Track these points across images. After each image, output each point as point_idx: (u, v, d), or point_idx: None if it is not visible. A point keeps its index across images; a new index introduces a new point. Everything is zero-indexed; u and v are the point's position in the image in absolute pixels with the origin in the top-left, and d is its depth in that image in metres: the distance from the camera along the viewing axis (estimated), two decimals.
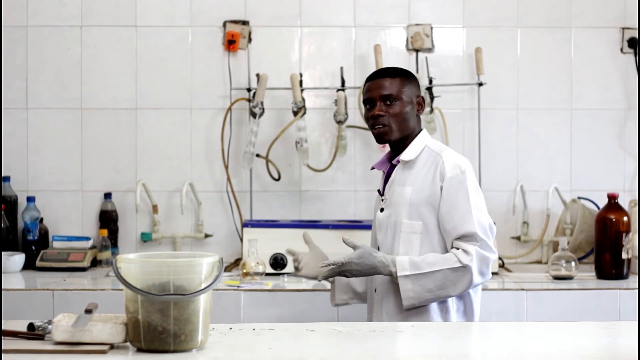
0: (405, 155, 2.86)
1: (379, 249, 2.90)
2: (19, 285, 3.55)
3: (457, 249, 2.74)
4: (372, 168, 3.02)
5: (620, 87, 4.17)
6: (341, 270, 2.79)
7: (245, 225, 3.84)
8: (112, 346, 2.11)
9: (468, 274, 2.71)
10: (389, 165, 2.94)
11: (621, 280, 3.63)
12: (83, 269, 3.84)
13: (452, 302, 2.81)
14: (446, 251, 2.79)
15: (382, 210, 2.91)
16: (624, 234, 3.66)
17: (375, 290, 2.90)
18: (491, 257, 2.75)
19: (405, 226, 2.81)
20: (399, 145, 2.89)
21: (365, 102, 2.91)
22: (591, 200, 4.10)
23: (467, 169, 2.79)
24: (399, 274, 2.74)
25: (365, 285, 2.98)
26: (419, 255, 2.78)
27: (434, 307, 2.80)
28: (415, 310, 2.79)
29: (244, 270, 3.59)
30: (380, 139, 2.88)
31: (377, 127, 2.86)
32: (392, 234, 2.85)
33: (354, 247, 2.79)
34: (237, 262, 3.96)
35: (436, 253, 2.78)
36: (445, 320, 2.80)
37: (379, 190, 2.96)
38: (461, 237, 2.74)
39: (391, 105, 2.85)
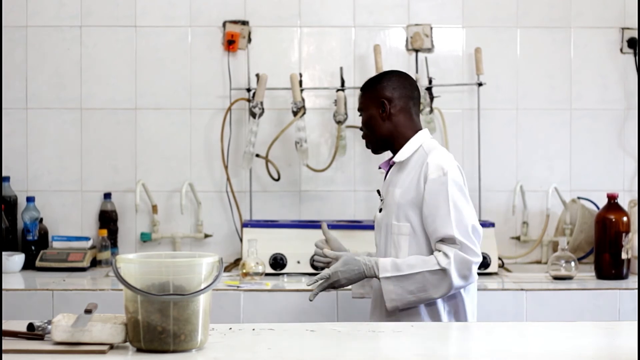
0: (397, 157, 2.87)
1: (377, 249, 2.92)
2: (19, 286, 3.55)
3: (438, 251, 2.74)
4: (380, 167, 3.01)
5: (619, 87, 4.17)
6: (330, 283, 2.79)
7: (244, 225, 3.84)
8: (111, 346, 2.11)
9: (447, 277, 2.71)
10: (389, 165, 2.95)
11: (621, 280, 3.64)
12: (83, 269, 3.84)
13: (441, 304, 2.81)
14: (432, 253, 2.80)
15: (380, 210, 2.92)
16: (623, 234, 3.66)
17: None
18: (473, 260, 2.72)
19: (394, 228, 2.82)
20: (394, 146, 2.90)
21: None
22: (591, 200, 4.10)
23: (450, 171, 2.77)
24: (380, 276, 2.75)
25: None
26: (408, 256, 2.79)
27: (423, 309, 2.81)
28: (405, 312, 2.80)
29: (244, 271, 3.59)
30: (372, 151, 2.97)
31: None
32: (385, 235, 2.87)
33: (337, 257, 2.80)
34: (236, 262, 3.96)
35: (419, 255, 2.78)
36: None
37: (378, 191, 2.96)
38: (441, 240, 2.74)
39: (361, 118, 2.95)
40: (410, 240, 2.80)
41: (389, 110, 2.87)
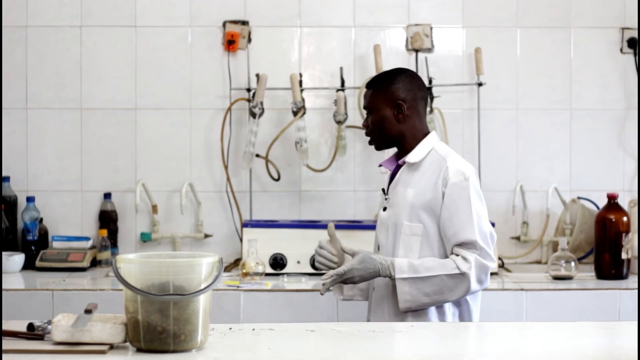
0: (411, 157, 2.84)
1: (379, 248, 2.90)
2: (19, 286, 3.55)
3: (457, 255, 2.73)
4: (380, 165, 3.00)
5: (619, 87, 4.17)
6: (344, 279, 2.78)
7: (244, 225, 3.84)
8: (111, 346, 2.11)
9: (465, 281, 2.71)
10: (395, 164, 2.93)
11: (621, 280, 3.64)
12: (83, 269, 3.84)
13: (449, 307, 2.82)
14: (446, 256, 2.78)
15: (384, 209, 2.90)
16: (623, 234, 3.66)
17: (374, 289, 2.90)
18: (490, 266, 2.74)
19: (405, 228, 2.81)
20: (403, 146, 2.88)
21: None
22: (591, 200, 4.10)
23: (471, 176, 2.77)
24: (396, 277, 2.74)
25: (368, 283, 2.97)
26: (418, 257, 2.78)
27: (432, 310, 2.81)
28: (413, 313, 2.80)
29: (244, 271, 3.59)
30: (376, 148, 2.94)
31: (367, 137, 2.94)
32: (393, 234, 2.85)
33: (353, 254, 2.79)
34: (236, 262, 3.95)
35: (435, 257, 2.78)
36: None
37: (383, 190, 2.95)
38: (461, 244, 2.73)
39: (370, 117, 2.90)
40: (422, 241, 2.79)
41: (405, 111, 2.86)
